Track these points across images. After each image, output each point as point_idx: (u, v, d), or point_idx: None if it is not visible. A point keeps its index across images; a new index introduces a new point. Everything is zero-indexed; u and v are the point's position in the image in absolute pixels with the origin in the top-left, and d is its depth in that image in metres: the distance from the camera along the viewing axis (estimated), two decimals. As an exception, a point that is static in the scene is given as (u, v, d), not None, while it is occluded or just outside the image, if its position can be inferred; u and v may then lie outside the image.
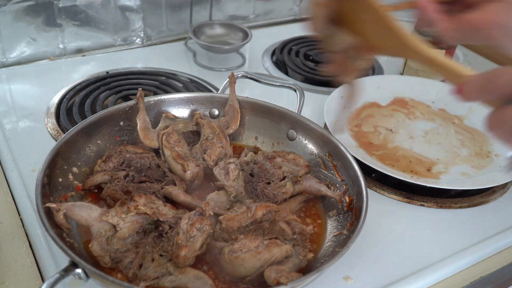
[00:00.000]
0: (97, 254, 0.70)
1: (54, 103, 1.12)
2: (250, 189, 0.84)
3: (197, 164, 0.86)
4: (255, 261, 0.69)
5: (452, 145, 1.09)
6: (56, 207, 0.71)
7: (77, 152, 0.85)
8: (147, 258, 0.70)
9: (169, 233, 0.72)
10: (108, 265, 0.70)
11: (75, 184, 0.83)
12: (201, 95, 0.99)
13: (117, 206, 0.74)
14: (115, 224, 0.72)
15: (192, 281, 0.68)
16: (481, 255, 0.85)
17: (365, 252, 0.82)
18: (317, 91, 1.27)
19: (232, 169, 0.84)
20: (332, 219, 0.83)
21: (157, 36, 1.43)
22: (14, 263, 0.76)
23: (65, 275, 0.63)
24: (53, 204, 0.71)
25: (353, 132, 1.09)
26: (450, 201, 0.95)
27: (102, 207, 0.77)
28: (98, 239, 0.71)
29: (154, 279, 0.68)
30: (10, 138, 1.01)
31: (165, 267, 0.69)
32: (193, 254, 0.70)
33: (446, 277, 0.81)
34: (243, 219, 0.76)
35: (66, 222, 0.72)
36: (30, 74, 1.24)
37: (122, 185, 0.82)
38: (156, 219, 0.74)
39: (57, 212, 0.71)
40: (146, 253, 0.71)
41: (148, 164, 0.87)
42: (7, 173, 0.92)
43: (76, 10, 1.28)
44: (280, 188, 0.84)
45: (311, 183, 0.86)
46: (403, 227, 0.89)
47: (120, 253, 0.71)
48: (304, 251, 0.74)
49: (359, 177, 0.81)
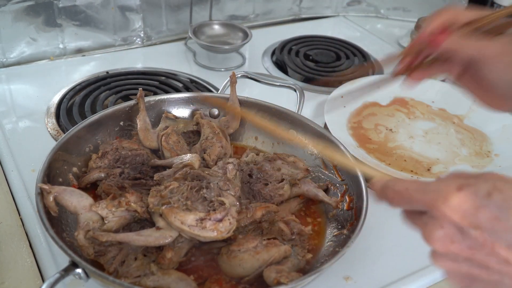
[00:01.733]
0: (82, 244, 0.70)
1: (54, 103, 1.12)
2: (247, 189, 0.84)
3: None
4: (254, 261, 0.69)
5: (452, 145, 1.09)
6: (48, 189, 0.71)
7: (77, 152, 0.86)
8: (130, 256, 0.70)
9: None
10: (91, 257, 0.70)
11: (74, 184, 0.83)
12: (201, 95, 0.99)
13: (108, 199, 0.74)
14: (104, 216, 0.72)
15: (176, 282, 0.67)
16: (481, 255, 0.85)
17: (365, 252, 0.82)
18: (317, 91, 1.27)
19: (230, 169, 0.84)
20: (332, 219, 0.83)
21: (157, 36, 1.43)
22: (14, 263, 0.76)
23: (65, 275, 0.63)
24: (45, 185, 0.71)
25: (353, 130, 1.09)
26: (450, 200, 0.94)
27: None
28: (84, 229, 0.71)
29: (136, 277, 0.68)
30: (10, 138, 1.01)
31: (148, 267, 0.69)
32: (179, 259, 0.71)
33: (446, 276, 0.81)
34: (242, 219, 0.76)
35: (55, 205, 0.71)
36: (30, 74, 1.24)
37: (117, 181, 0.82)
38: (144, 218, 0.74)
39: (47, 194, 0.71)
40: (129, 250, 0.71)
41: (142, 161, 0.87)
42: (7, 173, 0.92)
43: (76, 10, 1.28)
44: (277, 190, 0.83)
45: (309, 187, 0.86)
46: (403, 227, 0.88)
47: (103, 247, 0.70)
48: (303, 251, 0.74)
49: (359, 176, 0.81)
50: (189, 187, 0.74)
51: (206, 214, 0.69)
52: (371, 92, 1.13)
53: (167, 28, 1.44)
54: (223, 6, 1.50)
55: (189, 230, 0.68)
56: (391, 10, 1.74)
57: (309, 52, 1.44)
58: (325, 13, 1.72)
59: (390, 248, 0.84)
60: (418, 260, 0.82)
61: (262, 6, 1.58)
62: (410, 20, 1.69)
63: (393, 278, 0.78)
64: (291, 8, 1.65)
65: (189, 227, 0.68)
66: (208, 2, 1.44)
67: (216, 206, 0.71)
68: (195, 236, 0.69)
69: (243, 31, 1.38)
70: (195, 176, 0.77)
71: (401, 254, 0.83)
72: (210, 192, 0.73)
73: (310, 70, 1.35)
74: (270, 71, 1.35)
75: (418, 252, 0.83)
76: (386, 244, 0.84)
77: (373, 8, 1.74)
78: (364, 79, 1.17)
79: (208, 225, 0.68)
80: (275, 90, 1.03)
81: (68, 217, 0.76)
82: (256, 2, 1.56)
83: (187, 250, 0.72)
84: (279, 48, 1.44)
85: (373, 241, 0.84)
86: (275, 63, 1.39)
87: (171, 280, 0.67)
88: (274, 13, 1.62)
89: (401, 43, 1.56)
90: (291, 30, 1.56)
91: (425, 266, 0.80)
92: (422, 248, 0.84)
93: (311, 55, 1.43)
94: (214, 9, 1.47)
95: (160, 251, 0.70)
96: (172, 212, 0.69)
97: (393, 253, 0.83)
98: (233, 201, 0.73)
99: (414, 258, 0.82)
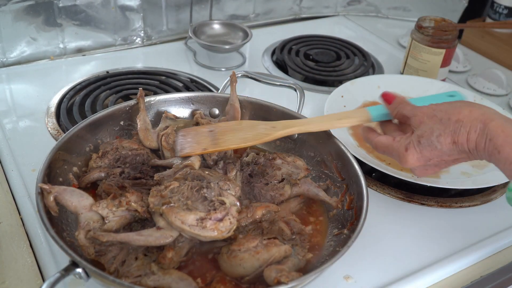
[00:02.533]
0: (82, 243, 0.70)
1: (54, 102, 1.12)
2: (247, 189, 0.84)
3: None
4: (254, 261, 0.69)
5: (453, 145, 1.09)
6: (48, 189, 0.71)
7: (77, 152, 0.86)
8: (131, 256, 0.70)
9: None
10: (92, 257, 0.70)
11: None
12: (201, 94, 0.99)
13: (109, 198, 0.74)
14: (104, 216, 0.72)
15: (176, 281, 0.67)
16: (481, 255, 0.85)
17: (366, 251, 0.82)
18: (317, 90, 1.27)
19: (230, 169, 0.84)
20: (333, 218, 0.83)
21: (157, 35, 1.43)
22: (15, 262, 0.76)
23: (65, 275, 0.63)
24: (46, 185, 0.71)
25: (353, 129, 1.09)
26: (450, 200, 0.95)
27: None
28: (85, 229, 0.71)
29: (136, 277, 0.67)
30: (10, 138, 1.01)
31: (149, 267, 0.68)
32: (179, 259, 0.70)
33: (447, 276, 0.81)
34: (243, 219, 0.76)
35: (55, 205, 0.71)
36: (30, 73, 1.24)
37: (118, 181, 0.82)
38: (144, 217, 0.74)
39: (47, 194, 0.71)
40: (130, 249, 0.71)
41: (143, 160, 0.87)
42: (7, 172, 0.93)
43: (76, 9, 1.28)
44: (278, 190, 0.83)
45: (310, 187, 0.86)
46: (404, 226, 0.89)
47: (104, 247, 0.70)
48: (303, 251, 0.74)
49: (359, 176, 0.81)
50: (190, 187, 0.74)
51: (206, 214, 0.69)
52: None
53: (168, 28, 1.44)
54: (223, 5, 1.50)
55: (190, 230, 0.68)
56: (391, 9, 1.74)
57: (309, 51, 1.44)
58: (325, 13, 1.72)
59: (391, 248, 0.84)
60: (418, 259, 0.82)
61: (263, 6, 1.58)
62: (411, 20, 1.69)
63: (393, 278, 0.78)
64: (291, 7, 1.65)
65: (190, 226, 0.68)
66: (208, 2, 1.44)
67: (216, 206, 0.71)
68: (195, 236, 0.69)
69: (243, 31, 1.38)
70: (196, 176, 0.77)
71: (402, 253, 0.83)
72: (210, 192, 0.73)
73: (310, 69, 1.35)
74: (270, 70, 1.35)
75: (418, 252, 0.84)
76: (386, 243, 0.84)
77: (373, 7, 1.74)
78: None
79: (208, 225, 0.68)
80: (275, 90, 1.03)
81: (69, 216, 0.76)
82: (257, 1, 1.56)
83: (187, 250, 0.72)
84: (279, 47, 1.44)
85: (374, 241, 0.84)
86: (275, 62, 1.39)
87: (172, 280, 0.67)
88: (274, 13, 1.62)
89: (401, 43, 1.56)
90: (292, 30, 1.56)
91: (425, 266, 0.80)
92: (423, 247, 0.85)
93: (311, 55, 1.43)
94: (214, 8, 1.47)
95: (161, 250, 0.70)
96: (172, 212, 0.69)
97: (394, 252, 0.83)
98: (233, 201, 0.73)
99: (414, 257, 0.82)
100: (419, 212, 0.92)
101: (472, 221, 0.91)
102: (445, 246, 0.85)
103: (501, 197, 0.97)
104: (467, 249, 0.84)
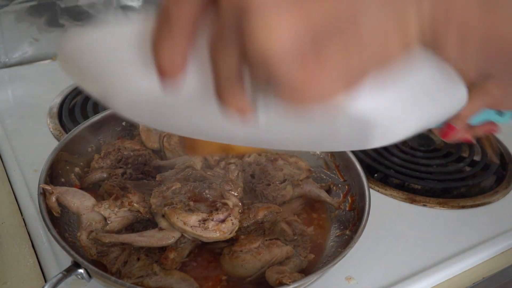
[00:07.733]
0: (84, 244, 0.70)
1: (56, 103, 1.12)
2: (249, 190, 0.84)
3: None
4: (256, 262, 0.69)
5: (455, 146, 1.09)
6: (50, 190, 0.71)
7: (79, 153, 0.86)
8: (133, 257, 0.70)
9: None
10: (94, 257, 0.70)
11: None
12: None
13: (111, 199, 0.74)
14: (106, 216, 0.72)
15: (178, 282, 0.67)
16: (484, 256, 0.85)
17: (368, 252, 0.81)
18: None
19: (231, 169, 0.84)
20: (334, 219, 0.83)
21: (159, 36, 1.43)
22: (16, 263, 0.76)
23: (67, 275, 0.63)
24: (48, 186, 0.71)
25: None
26: (452, 201, 0.94)
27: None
28: (87, 230, 0.71)
29: (138, 278, 0.68)
30: (12, 139, 1.01)
31: (151, 268, 0.69)
32: (181, 260, 0.70)
33: (449, 277, 0.81)
34: (245, 219, 0.76)
35: (57, 206, 0.72)
36: (32, 74, 1.24)
37: (120, 182, 0.82)
38: (146, 218, 0.74)
39: (50, 194, 0.71)
40: (132, 250, 0.71)
41: (145, 161, 0.87)
42: (9, 173, 0.93)
43: (79, 10, 1.28)
44: (280, 191, 0.83)
45: (312, 188, 0.85)
46: (406, 227, 0.89)
47: (106, 247, 0.71)
48: (305, 252, 0.74)
49: (361, 177, 0.81)
50: (192, 187, 0.74)
51: (208, 215, 0.69)
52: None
53: (169, 29, 1.44)
54: (225, 6, 1.50)
55: (192, 231, 0.68)
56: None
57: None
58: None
59: (393, 249, 0.84)
60: (421, 260, 0.82)
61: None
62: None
63: (395, 279, 0.78)
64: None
65: (192, 227, 0.68)
66: (210, 3, 1.44)
67: (218, 207, 0.71)
68: (197, 237, 0.69)
69: (245, 32, 1.38)
70: (197, 177, 0.77)
71: (404, 254, 0.83)
72: (212, 193, 0.73)
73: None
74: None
75: (420, 253, 0.84)
76: (388, 244, 0.84)
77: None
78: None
79: (210, 226, 0.68)
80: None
81: (71, 217, 0.76)
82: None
83: (189, 251, 0.72)
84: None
85: (376, 242, 0.84)
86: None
87: (174, 281, 0.67)
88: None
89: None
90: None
91: (427, 267, 0.80)
92: (425, 248, 0.84)
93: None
94: (216, 9, 1.47)
95: (163, 251, 0.70)
96: (174, 213, 0.69)
97: (396, 253, 0.83)
98: (235, 202, 0.73)
99: (416, 258, 0.82)
100: (421, 213, 0.92)
101: (474, 222, 0.91)
102: (447, 247, 0.85)
103: (503, 198, 0.97)
104: (469, 251, 0.84)
